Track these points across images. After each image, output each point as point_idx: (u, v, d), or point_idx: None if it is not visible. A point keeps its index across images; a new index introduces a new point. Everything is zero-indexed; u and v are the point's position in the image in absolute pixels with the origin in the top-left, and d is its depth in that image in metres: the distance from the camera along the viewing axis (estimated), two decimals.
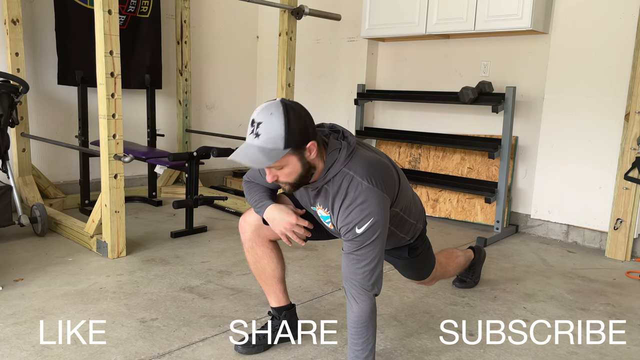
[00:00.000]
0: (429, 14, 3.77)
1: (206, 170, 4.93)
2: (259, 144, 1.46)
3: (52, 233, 3.23)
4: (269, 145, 1.45)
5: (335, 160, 1.56)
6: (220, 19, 4.98)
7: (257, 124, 1.47)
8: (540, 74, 3.58)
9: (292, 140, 1.46)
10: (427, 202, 4.09)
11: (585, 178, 3.39)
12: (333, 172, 1.57)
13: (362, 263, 1.56)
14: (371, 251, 1.55)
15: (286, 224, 1.71)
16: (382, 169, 1.62)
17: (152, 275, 2.60)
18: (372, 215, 1.52)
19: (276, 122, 1.45)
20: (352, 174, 1.55)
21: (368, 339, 1.60)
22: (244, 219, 1.88)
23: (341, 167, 1.56)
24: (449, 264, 2.24)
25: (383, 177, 1.59)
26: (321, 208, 1.68)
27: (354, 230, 1.54)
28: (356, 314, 1.58)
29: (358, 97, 4.34)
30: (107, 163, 2.72)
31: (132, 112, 4.31)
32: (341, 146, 1.58)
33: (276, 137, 1.45)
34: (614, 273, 2.95)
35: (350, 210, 1.54)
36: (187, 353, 1.87)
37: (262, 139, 1.46)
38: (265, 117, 1.47)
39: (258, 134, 1.46)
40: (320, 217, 1.73)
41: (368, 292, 1.57)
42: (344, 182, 1.56)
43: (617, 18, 3.18)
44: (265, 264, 1.89)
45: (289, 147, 1.46)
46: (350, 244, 1.57)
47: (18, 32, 3.43)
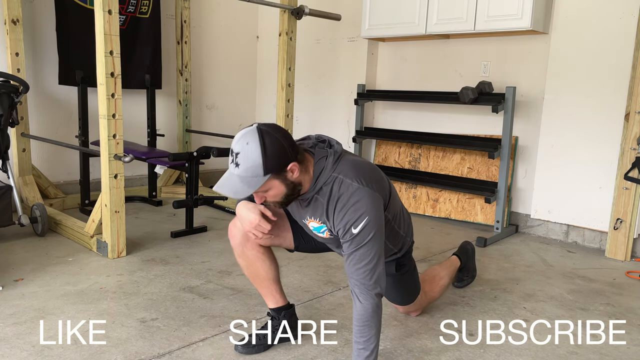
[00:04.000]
0: (429, 14, 3.77)
1: (206, 170, 4.93)
2: (239, 174, 1.49)
3: (52, 233, 3.23)
4: (248, 174, 1.48)
5: (323, 168, 1.59)
6: (220, 19, 4.98)
7: (236, 154, 1.49)
8: (540, 74, 3.58)
9: (270, 166, 1.48)
10: (427, 202, 4.09)
11: (585, 178, 3.39)
12: (323, 180, 1.59)
13: (362, 263, 1.58)
14: (369, 250, 1.58)
15: (249, 223, 1.73)
16: (371, 169, 1.66)
17: (152, 275, 2.60)
18: (366, 213, 1.55)
19: (253, 151, 1.46)
20: (341, 177, 1.58)
21: (370, 338, 1.62)
22: (234, 224, 1.88)
23: (330, 172, 1.59)
24: (433, 289, 2.25)
25: (373, 177, 1.63)
26: (313, 220, 1.70)
27: (351, 230, 1.57)
28: (359, 312, 1.61)
29: (358, 97, 4.34)
30: (107, 163, 2.72)
31: (132, 112, 4.31)
32: (327, 154, 1.61)
33: (254, 165, 1.47)
34: (614, 273, 2.95)
35: (345, 212, 1.57)
36: (187, 353, 1.87)
37: (241, 168, 1.48)
38: (242, 147, 1.48)
39: (238, 164, 1.49)
40: (312, 230, 1.74)
41: (370, 291, 1.60)
42: (334, 186, 1.59)
43: (617, 18, 3.18)
44: (258, 267, 1.89)
45: (269, 173, 1.49)
46: (348, 245, 1.60)
47: (18, 32, 3.43)
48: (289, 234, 1.91)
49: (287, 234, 1.91)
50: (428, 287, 2.22)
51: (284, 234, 1.91)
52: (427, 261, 3.01)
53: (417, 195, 4.16)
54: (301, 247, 1.96)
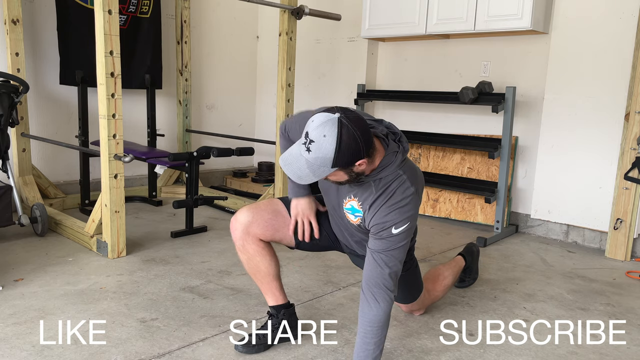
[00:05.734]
0: (429, 14, 3.77)
1: (206, 170, 4.93)
2: (308, 159, 1.46)
3: (52, 233, 3.23)
4: (317, 163, 1.46)
5: (391, 162, 1.62)
6: (220, 19, 4.98)
7: (310, 141, 1.45)
8: (540, 74, 3.58)
9: (341, 162, 1.47)
10: (427, 202, 4.09)
11: (585, 178, 3.39)
12: (387, 172, 1.62)
13: (390, 264, 1.63)
14: (399, 254, 1.64)
15: (303, 216, 1.88)
16: (422, 181, 1.74)
17: (152, 275, 2.60)
18: (410, 219, 1.62)
19: (328, 145, 1.43)
20: (405, 178, 1.63)
21: (381, 339, 1.65)
22: (235, 218, 1.88)
23: (397, 169, 1.63)
24: (436, 288, 2.26)
25: (422, 189, 1.71)
26: (355, 200, 1.71)
27: (390, 229, 1.60)
28: (375, 313, 1.62)
29: (358, 97, 4.34)
30: (107, 163, 2.72)
31: (132, 112, 4.31)
32: (399, 150, 1.64)
33: (325, 158, 1.45)
34: (614, 273, 2.95)
35: (392, 210, 1.60)
36: (187, 353, 1.87)
37: (312, 156, 1.45)
38: (318, 137, 1.44)
39: (310, 150, 1.46)
40: (346, 209, 1.75)
41: (391, 292, 1.63)
42: (394, 182, 1.62)
43: (617, 18, 3.18)
44: (258, 262, 1.89)
45: (337, 167, 1.48)
46: (381, 243, 1.63)
47: (18, 32, 3.42)
48: (290, 230, 1.91)
49: (289, 230, 1.91)
50: (432, 286, 2.23)
51: (285, 230, 1.91)
52: (427, 261, 3.01)
53: None
54: (302, 245, 1.96)
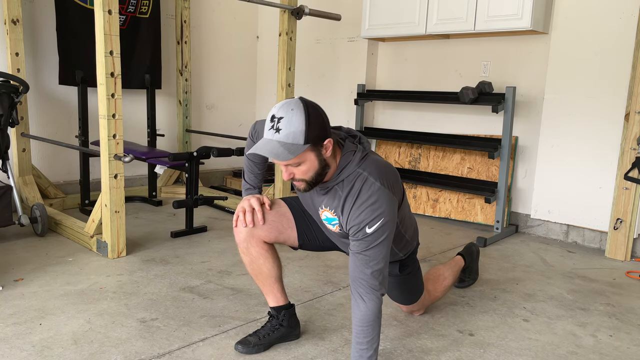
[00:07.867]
0: (429, 14, 3.77)
1: (206, 170, 4.93)
2: (280, 139, 1.49)
3: (52, 233, 3.23)
4: (289, 140, 1.48)
5: (349, 162, 1.61)
6: (220, 19, 4.98)
7: (278, 119, 1.49)
8: (540, 74, 3.58)
9: (312, 136, 1.49)
10: (427, 202, 4.10)
11: (585, 178, 3.39)
12: (347, 173, 1.61)
13: (371, 263, 1.59)
14: (379, 251, 1.59)
15: (249, 201, 1.83)
16: (393, 172, 1.68)
17: (152, 275, 2.60)
18: (383, 215, 1.56)
19: (297, 118, 1.48)
20: (366, 175, 1.59)
21: (373, 338, 1.62)
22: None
23: (356, 167, 1.61)
24: (437, 289, 2.25)
25: (394, 180, 1.65)
26: (327, 210, 1.70)
27: (365, 229, 1.57)
28: (363, 313, 1.60)
29: (358, 97, 4.34)
30: (107, 163, 2.72)
31: (132, 112, 4.31)
32: (356, 149, 1.63)
33: (297, 132, 1.48)
34: (614, 273, 2.95)
35: (362, 210, 1.57)
36: (187, 353, 1.87)
37: (282, 133, 1.48)
38: (286, 113, 1.49)
39: (279, 129, 1.49)
40: (324, 220, 1.75)
41: (376, 291, 1.60)
42: (357, 182, 1.60)
43: (617, 18, 3.18)
44: (261, 264, 1.89)
45: (309, 143, 1.50)
46: (359, 244, 1.59)
47: (18, 32, 3.43)
48: (294, 231, 1.91)
49: (292, 231, 1.91)
50: (432, 286, 2.23)
51: (289, 232, 1.90)
52: (427, 261, 3.01)
53: (417, 195, 4.16)
54: (305, 245, 1.96)
